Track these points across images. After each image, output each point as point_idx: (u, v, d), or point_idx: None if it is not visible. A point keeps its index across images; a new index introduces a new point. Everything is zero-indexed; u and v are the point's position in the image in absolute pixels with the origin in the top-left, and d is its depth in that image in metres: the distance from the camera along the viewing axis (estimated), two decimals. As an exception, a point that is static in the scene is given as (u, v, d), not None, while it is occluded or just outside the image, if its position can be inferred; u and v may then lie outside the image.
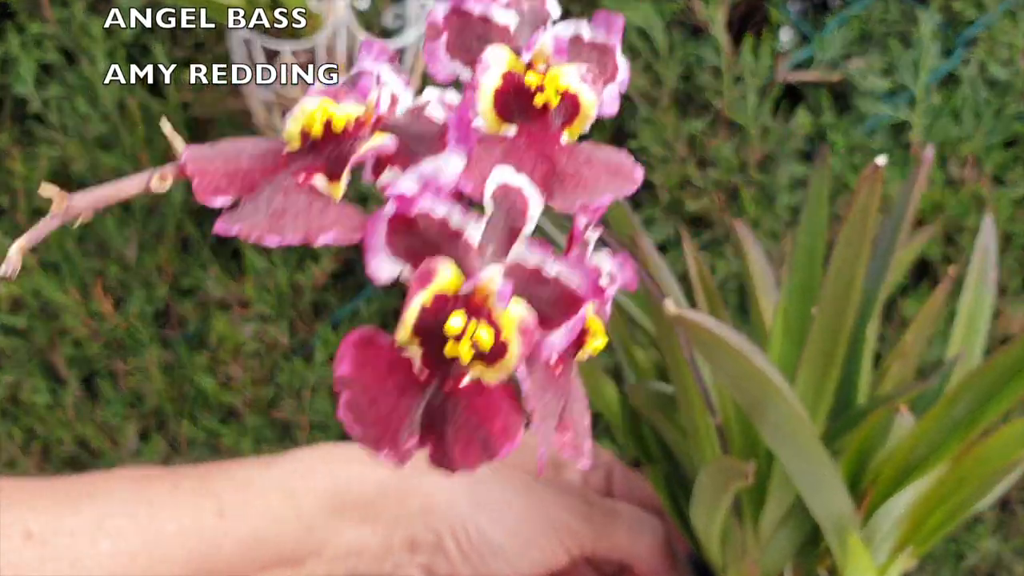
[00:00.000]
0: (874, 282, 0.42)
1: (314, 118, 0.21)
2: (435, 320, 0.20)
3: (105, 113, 0.73)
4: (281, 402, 0.78)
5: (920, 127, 0.70)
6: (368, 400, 0.20)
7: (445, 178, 0.20)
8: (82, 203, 0.21)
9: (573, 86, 0.23)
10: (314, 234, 0.20)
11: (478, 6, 0.24)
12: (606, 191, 0.23)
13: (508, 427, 0.20)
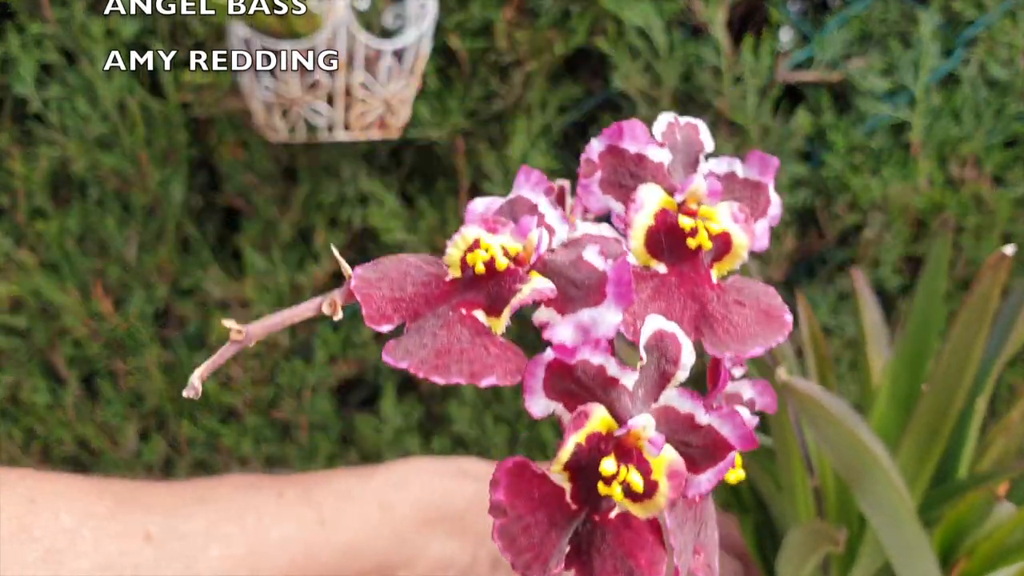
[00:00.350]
0: (990, 356, 0.42)
1: (477, 255, 0.22)
2: (588, 458, 0.20)
3: (105, 113, 0.73)
4: (281, 402, 0.78)
5: (920, 127, 0.70)
6: (521, 528, 0.21)
7: (603, 330, 0.21)
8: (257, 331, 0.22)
9: (726, 226, 0.23)
10: (478, 376, 0.21)
11: (634, 146, 0.24)
12: (757, 341, 0.22)
13: (654, 561, 0.21)
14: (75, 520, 0.37)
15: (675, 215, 0.23)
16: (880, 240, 0.71)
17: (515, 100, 0.73)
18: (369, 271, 0.23)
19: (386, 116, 0.66)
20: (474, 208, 0.24)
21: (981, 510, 0.39)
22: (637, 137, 0.24)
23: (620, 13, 0.69)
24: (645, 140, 0.24)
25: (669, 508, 0.21)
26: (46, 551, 0.36)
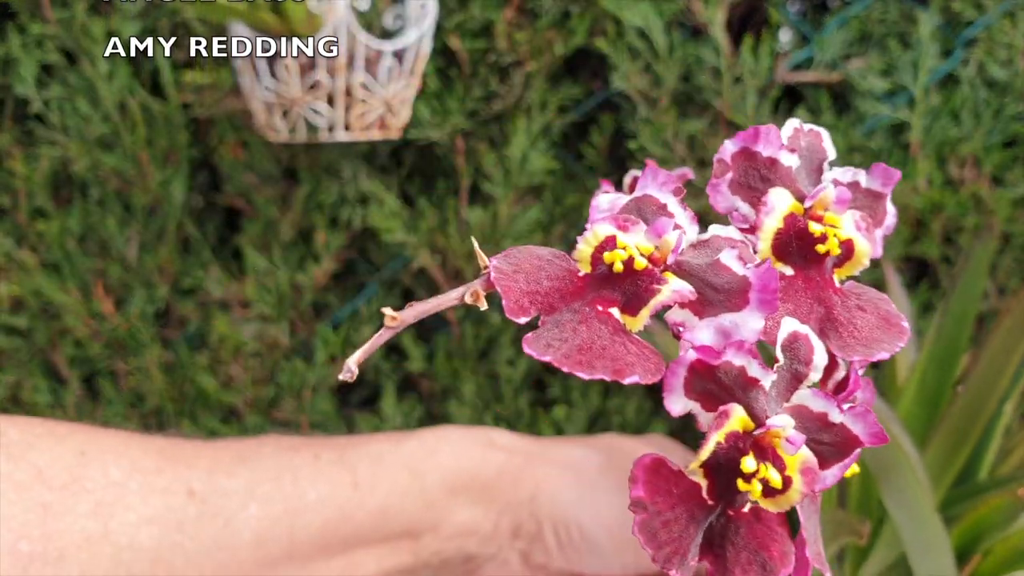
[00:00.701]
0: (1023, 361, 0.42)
1: (616, 255, 0.22)
2: (726, 456, 0.21)
3: (106, 113, 0.73)
4: (281, 402, 0.78)
5: (919, 127, 0.70)
6: (662, 523, 0.22)
7: (745, 334, 0.21)
8: (409, 316, 0.23)
9: (850, 234, 0.24)
10: (621, 373, 0.21)
11: (767, 149, 0.25)
12: (881, 346, 0.23)
13: (785, 553, 0.21)
14: (123, 474, 0.38)
15: (804, 220, 0.24)
16: (879, 240, 0.71)
17: (515, 100, 0.73)
18: (504, 263, 0.23)
19: (386, 116, 0.66)
20: (599, 204, 0.24)
21: (1004, 513, 0.39)
22: (771, 141, 0.25)
23: (620, 14, 0.69)
24: (778, 144, 0.25)
25: (799, 502, 0.22)
26: (96, 503, 0.37)
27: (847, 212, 0.24)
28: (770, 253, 0.24)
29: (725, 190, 0.25)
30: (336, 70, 0.62)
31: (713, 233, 0.24)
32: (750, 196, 0.24)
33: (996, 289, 0.72)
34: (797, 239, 0.24)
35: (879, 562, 0.42)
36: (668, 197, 0.24)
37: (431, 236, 0.74)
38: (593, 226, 0.23)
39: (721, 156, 0.25)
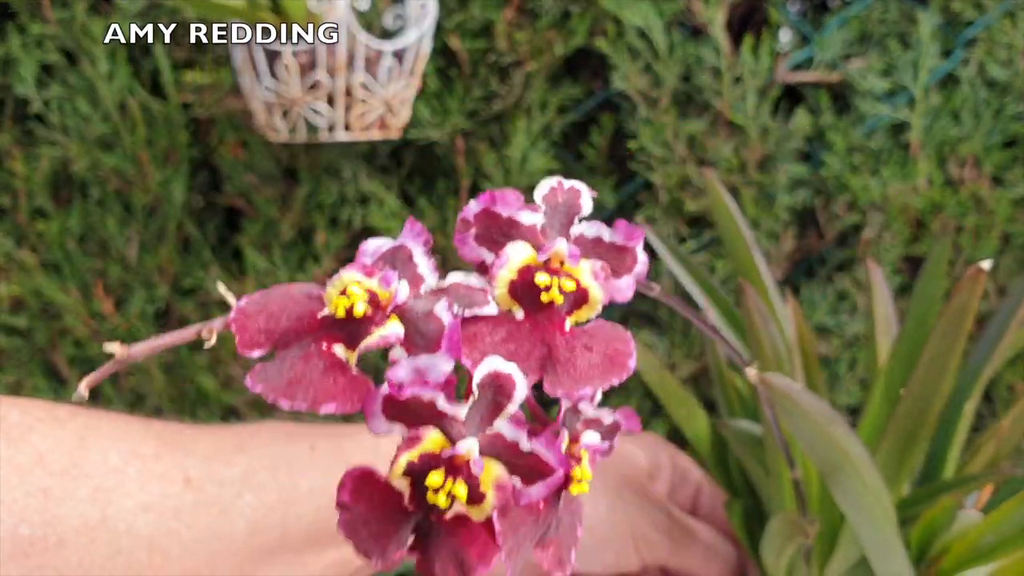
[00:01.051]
0: (980, 360, 0.43)
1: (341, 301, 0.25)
2: (421, 471, 0.24)
3: (106, 113, 0.73)
4: (282, 402, 0.78)
5: (919, 127, 0.70)
6: (362, 521, 0.24)
7: (434, 376, 0.24)
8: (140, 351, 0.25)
9: (584, 282, 0.26)
10: (319, 403, 0.24)
11: (506, 210, 0.27)
12: (592, 381, 0.26)
13: (484, 554, 0.24)
14: (122, 460, 0.38)
15: (535, 271, 0.26)
16: (879, 240, 0.71)
17: (515, 100, 0.73)
18: (252, 304, 0.26)
19: (386, 116, 0.66)
20: (365, 249, 0.27)
21: (949, 514, 0.40)
22: (509, 203, 0.27)
23: (620, 14, 0.69)
24: (517, 206, 0.27)
25: (501, 514, 0.24)
26: (95, 488, 0.37)
27: (583, 263, 0.26)
28: (507, 297, 0.26)
29: (471, 243, 0.27)
30: (336, 70, 0.62)
31: (453, 281, 0.27)
32: (495, 248, 0.27)
33: (996, 290, 0.72)
34: (525, 288, 0.26)
35: (843, 561, 0.43)
36: (417, 247, 0.27)
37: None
38: (342, 271, 0.25)
39: (464, 216, 0.27)
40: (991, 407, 0.72)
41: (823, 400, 0.37)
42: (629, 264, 0.28)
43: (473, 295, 0.26)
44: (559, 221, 0.28)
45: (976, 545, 0.39)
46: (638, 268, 0.28)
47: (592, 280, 0.26)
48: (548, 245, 0.26)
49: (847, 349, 0.73)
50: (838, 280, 0.73)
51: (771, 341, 0.44)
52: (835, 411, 0.37)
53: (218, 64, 0.72)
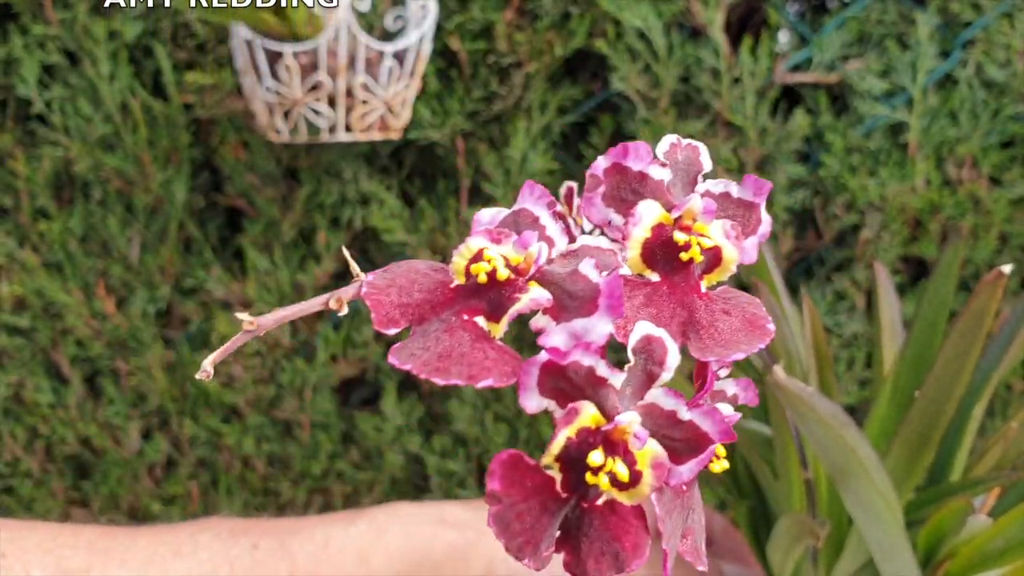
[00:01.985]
0: (990, 364, 0.43)
1: (480, 267, 0.23)
2: (577, 451, 0.22)
3: (108, 114, 0.74)
4: (282, 402, 0.78)
5: (917, 128, 0.70)
6: (515, 515, 0.23)
7: (594, 338, 0.22)
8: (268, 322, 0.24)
9: (717, 241, 0.25)
10: (475, 378, 0.22)
11: (637, 164, 0.26)
12: (739, 346, 0.24)
13: (638, 544, 0.23)
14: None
15: (671, 230, 0.25)
16: (878, 240, 0.71)
17: (515, 101, 0.73)
18: (380, 278, 0.25)
19: (387, 117, 0.66)
20: (480, 218, 0.26)
21: (959, 518, 0.40)
22: (641, 156, 0.26)
23: (619, 15, 0.69)
24: (648, 159, 0.26)
25: (657, 496, 0.23)
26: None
27: (715, 221, 0.25)
28: (639, 261, 0.25)
29: (599, 203, 0.26)
30: (337, 71, 0.63)
31: (583, 243, 0.25)
32: (622, 208, 0.26)
33: (994, 289, 0.72)
34: (663, 248, 0.25)
35: (850, 563, 0.43)
36: (542, 211, 0.25)
37: (431, 236, 0.74)
38: (467, 239, 0.24)
39: (593, 171, 0.26)
40: (989, 406, 0.72)
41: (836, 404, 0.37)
42: (755, 223, 0.27)
43: (604, 256, 0.25)
44: (681, 180, 0.26)
45: (984, 549, 0.39)
46: (762, 228, 0.27)
47: (724, 239, 0.25)
48: (680, 202, 0.25)
49: (846, 349, 0.73)
50: (836, 280, 0.73)
51: (783, 342, 0.45)
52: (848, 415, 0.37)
53: (219, 65, 0.73)
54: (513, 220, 0.25)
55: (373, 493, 0.80)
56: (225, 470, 0.80)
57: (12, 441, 0.79)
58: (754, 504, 0.50)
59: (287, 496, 0.80)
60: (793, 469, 0.44)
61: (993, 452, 0.45)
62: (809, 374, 0.45)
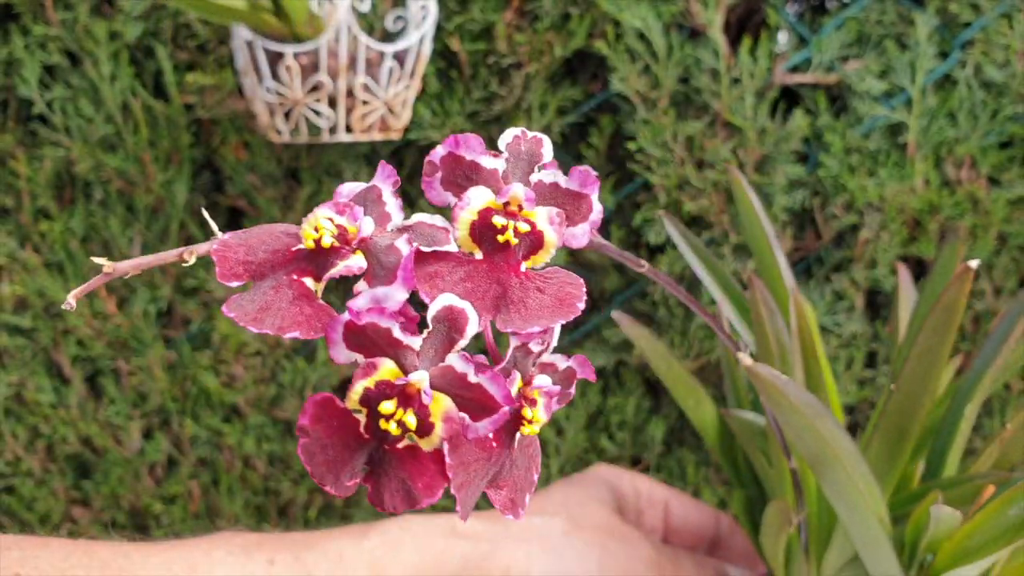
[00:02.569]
0: (982, 365, 0.44)
1: (309, 234, 0.26)
2: (376, 400, 0.25)
3: (109, 114, 0.74)
4: (283, 401, 0.78)
5: (916, 128, 0.70)
6: (319, 448, 0.26)
7: (390, 304, 0.25)
8: (124, 267, 0.26)
9: (539, 226, 0.28)
10: (285, 329, 0.25)
11: (469, 154, 0.28)
12: (541, 320, 0.27)
13: (431, 486, 0.26)
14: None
15: (494, 213, 0.28)
16: (877, 241, 0.72)
17: (515, 102, 0.73)
18: (235, 237, 0.27)
19: (387, 118, 0.66)
20: (340, 191, 0.28)
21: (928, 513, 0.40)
22: (472, 147, 0.29)
23: (619, 16, 0.70)
24: (479, 150, 0.28)
25: (451, 446, 0.26)
26: None
27: (540, 208, 0.28)
28: (468, 239, 0.28)
29: (437, 186, 0.29)
30: (338, 72, 0.63)
31: (418, 220, 0.28)
32: (458, 192, 0.28)
33: (993, 289, 0.72)
34: (486, 230, 0.28)
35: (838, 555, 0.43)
36: (386, 187, 0.28)
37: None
38: (316, 209, 0.27)
39: (431, 158, 0.29)
40: (987, 406, 0.73)
41: (811, 394, 0.37)
42: (585, 212, 0.29)
43: (435, 233, 0.28)
44: (521, 169, 0.29)
45: (964, 545, 0.39)
46: (593, 216, 0.29)
47: (548, 225, 0.28)
48: (506, 189, 0.28)
49: (844, 348, 0.73)
50: (835, 280, 0.74)
51: (776, 334, 0.45)
52: (823, 405, 0.37)
53: (220, 65, 0.73)
54: (364, 195, 0.28)
55: (373, 492, 0.80)
56: (226, 470, 0.80)
57: (13, 441, 0.79)
58: (752, 493, 0.50)
59: (288, 495, 0.80)
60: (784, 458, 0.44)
61: (989, 454, 0.45)
62: (795, 369, 0.46)
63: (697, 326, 0.74)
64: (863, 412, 0.75)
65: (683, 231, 0.48)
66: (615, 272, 0.76)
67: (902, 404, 0.41)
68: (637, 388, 0.77)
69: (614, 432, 0.77)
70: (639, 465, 0.79)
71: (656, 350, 0.50)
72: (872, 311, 0.76)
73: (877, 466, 0.41)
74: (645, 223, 0.73)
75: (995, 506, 0.38)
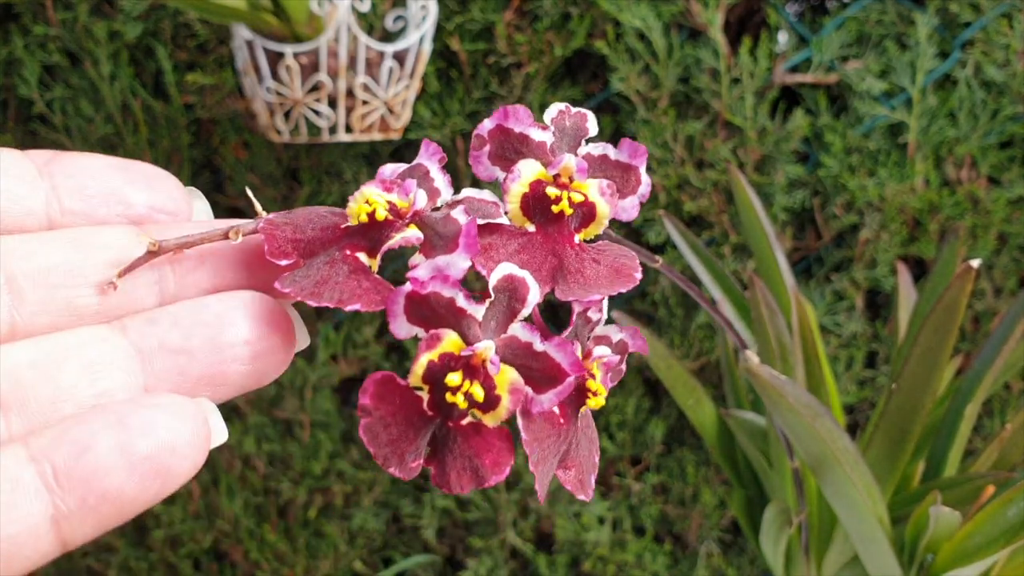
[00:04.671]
0: (983, 365, 0.44)
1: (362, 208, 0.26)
2: (440, 373, 0.24)
3: (108, 114, 0.74)
4: (283, 401, 0.78)
5: (916, 128, 0.70)
6: (383, 427, 0.25)
7: (453, 272, 0.25)
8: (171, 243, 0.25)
9: (591, 197, 0.28)
10: (345, 303, 0.25)
11: (518, 126, 0.28)
12: (600, 289, 0.27)
13: (499, 463, 0.25)
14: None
15: (545, 185, 0.27)
16: (877, 240, 0.72)
17: (515, 102, 0.73)
18: (280, 217, 0.27)
19: (387, 117, 0.66)
20: (383, 171, 0.28)
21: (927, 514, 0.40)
22: (521, 119, 0.28)
23: (619, 16, 0.70)
24: (528, 122, 0.28)
25: (524, 422, 0.25)
26: None
27: (591, 180, 0.28)
28: (519, 213, 0.28)
29: (486, 161, 0.28)
30: (338, 72, 0.63)
31: (466, 195, 0.28)
32: (507, 166, 0.28)
33: (993, 289, 0.72)
34: (538, 201, 0.27)
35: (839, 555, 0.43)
36: (432, 165, 0.28)
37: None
38: (362, 187, 0.26)
39: (479, 132, 0.28)
40: (987, 406, 0.73)
41: (810, 394, 0.37)
42: (634, 184, 0.29)
43: (487, 207, 0.28)
44: (567, 143, 0.29)
45: (964, 545, 0.39)
46: (642, 189, 0.29)
47: (599, 196, 0.28)
48: (558, 160, 0.28)
49: (845, 348, 0.73)
50: (836, 280, 0.74)
51: (777, 334, 0.45)
52: (823, 405, 0.37)
53: (220, 65, 0.73)
54: (409, 173, 0.28)
55: (373, 492, 0.80)
56: (226, 469, 0.80)
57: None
58: (752, 493, 0.50)
59: (288, 495, 0.80)
60: (785, 459, 0.44)
61: (989, 454, 0.45)
62: (796, 368, 0.46)
63: (697, 326, 0.74)
64: (863, 412, 0.75)
65: (683, 231, 0.48)
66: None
67: (902, 404, 0.41)
68: (637, 388, 0.77)
69: (614, 432, 0.77)
70: (639, 465, 0.79)
71: (656, 350, 0.50)
72: (872, 311, 0.76)
73: (877, 466, 0.41)
74: (645, 223, 0.73)
75: (995, 506, 0.38)
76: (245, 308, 0.25)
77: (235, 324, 0.25)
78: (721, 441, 0.52)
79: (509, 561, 0.80)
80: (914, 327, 0.46)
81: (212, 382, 0.26)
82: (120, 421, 0.22)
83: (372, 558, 0.82)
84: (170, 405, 0.24)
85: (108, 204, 0.25)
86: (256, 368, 0.26)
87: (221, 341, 0.25)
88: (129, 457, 0.22)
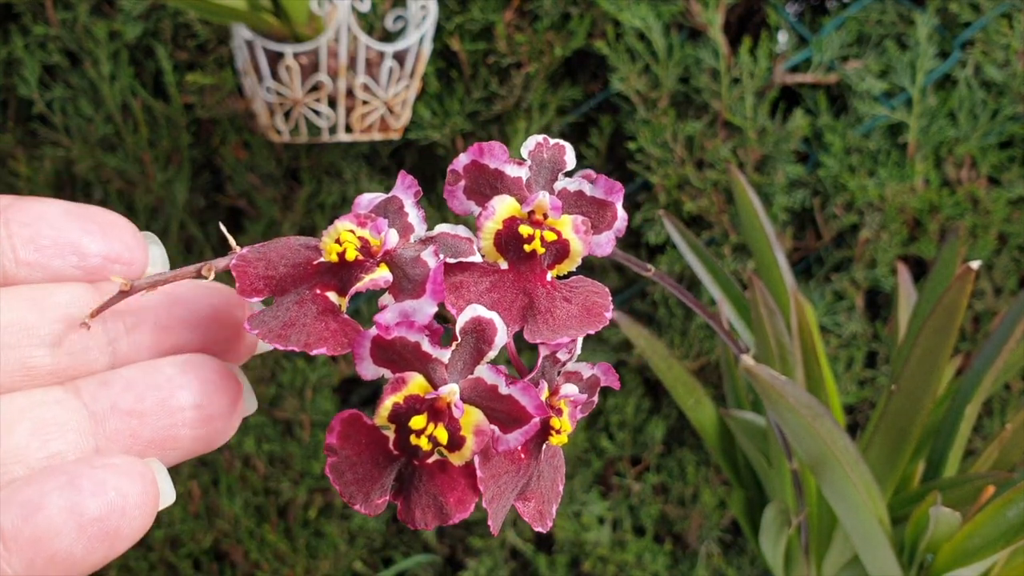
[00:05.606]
0: (983, 365, 0.44)
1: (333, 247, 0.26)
2: (406, 415, 0.25)
3: (108, 114, 0.74)
4: (283, 401, 0.78)
5: (916, 128, 0.70)
6: (348, 466, 0.25)
7: (419, 318, 0.25)
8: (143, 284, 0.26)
9: (565, 235, 0.27)
10: (312, 346, 0.25)
11: (493, 162, 0.28)
12: (569, 331, 0.27)
13: (462, 500, 0.25)
14: None
15: (519, 222, 0.27)
16: (877, 240, 0.72)
17: (515, 102, 0.73)
18: (253, 251, 0.27)
19: (387, 118, 0.66)
20: (359, 202, 0.28)
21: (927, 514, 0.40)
22: (496, 155, 0.28)
23: (619, 16, 0.70)
24: (503, 159, 0.28)
25: (481, 460, 0.25)
26: None
27: (566, 216, 0.28)
28: (493, 249, 0.27)
29: (461, 196, 0.28)
30: (338, 72, 0.63)
31: (440, 231, 0.28)
32: (482, 201, 0.28)
33: (993, 289, 0.72)
34: (512, 239, 0.27)
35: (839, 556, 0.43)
36: (408, 198, 0.28)
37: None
38: (336, 222, 0.26)
39: (454, 167, 0.28)
40: (987, 406, 0.73)
41: (810, 395, 0.37)
42: (609, 220, 0.29)
43: (460, 244, 0.27)
44: (544, 177, 0.29)
45: (964, 545, 0.39)
46: (618, 224, 0.29)
47: (573, 233, 0.28)
48: (532, 197, 0.28)
49: (845, 348, 0.73)
50: (836, 280, 0.74)
51: (776, 334, 0.45)
52: (823, 406, 0.37)
53: (220, 65, 0.73)
54: (384, 206, 0.28)
55: (373, 492, 0.80)
56: (226, 469, 0.80)
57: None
58: (752, 493, 0.50)
59: (288, 495, 0.80)
60: (784, 459, 0.44)
61: (989, 454, 0.45)
62: (795, 369, 0.46)
63: (697, 326, 0.74)
64: (863, 412, 0.75)
65: (683, 231, 0.48)
66: (615, 272, 0.76)
67: (902, 404, 0.41)
68: (637, 388, 0.77)
69: (614, 432, 0.77)
70: (639, 465, 0.79)
71: (656, 350, 0.50)
72: (872, 311, 0.76)
73: (877, 466, 0.41)
74: (645, 223, 0.73)
75: (995, 507, 0.38)
76: (196, 372, 0.25)
77: (186, 387, 0.25)
78: (721, 441, 0.52)
79: (509, 561, 0.80)
80: (914, 327, 0.46)
81: (163, 446, 0.25)
82: (71, 482, 0.22)
83: (372, 558, 0.82)
84: (120, 464, 0.23)
85: (63, 255, 0.25)
86: (207, 432, 0.26)
87: (172, 405, 0.25)
88: (79, 519, 0.22)
